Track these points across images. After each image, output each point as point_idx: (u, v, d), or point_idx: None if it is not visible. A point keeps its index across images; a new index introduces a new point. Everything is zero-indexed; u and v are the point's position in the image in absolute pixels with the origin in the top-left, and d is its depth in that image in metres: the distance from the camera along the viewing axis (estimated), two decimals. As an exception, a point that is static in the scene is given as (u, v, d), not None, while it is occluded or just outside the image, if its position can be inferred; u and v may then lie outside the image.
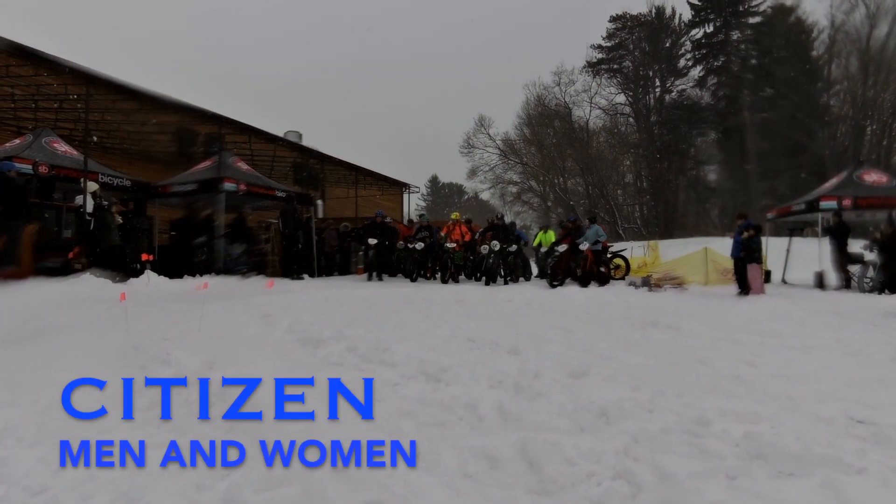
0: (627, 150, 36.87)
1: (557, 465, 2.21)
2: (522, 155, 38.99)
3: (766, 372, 3.83)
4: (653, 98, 37.62)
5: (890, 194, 11.92)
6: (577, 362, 3.59)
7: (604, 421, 2.65)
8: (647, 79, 37.62)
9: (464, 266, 11.82)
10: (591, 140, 37.28)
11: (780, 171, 30.37)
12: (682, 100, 36.41)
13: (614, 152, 36.78)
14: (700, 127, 35.73)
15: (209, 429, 2.57)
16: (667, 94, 37.08)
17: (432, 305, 6.09)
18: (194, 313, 4.73)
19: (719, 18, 35.19)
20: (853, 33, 29.70)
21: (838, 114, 30.96)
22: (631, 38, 37.69)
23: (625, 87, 37.97)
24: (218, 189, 10.64)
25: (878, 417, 2.63)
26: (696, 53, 36.42)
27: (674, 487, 2.04)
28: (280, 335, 4.27)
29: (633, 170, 37.37)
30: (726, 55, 34.92)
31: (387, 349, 3.70)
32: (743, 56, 34.18)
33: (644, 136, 36.53)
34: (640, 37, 37.32)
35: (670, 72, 36.97)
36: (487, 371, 3.32)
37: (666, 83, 37.21)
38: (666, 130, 35.91)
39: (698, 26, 36.10)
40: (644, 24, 37.17)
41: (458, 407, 2.80)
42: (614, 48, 38.09)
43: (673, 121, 35.65)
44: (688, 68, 36.88)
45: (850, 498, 1.90)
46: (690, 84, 36.59)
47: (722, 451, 2.30)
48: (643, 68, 37.44)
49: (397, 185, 22.13)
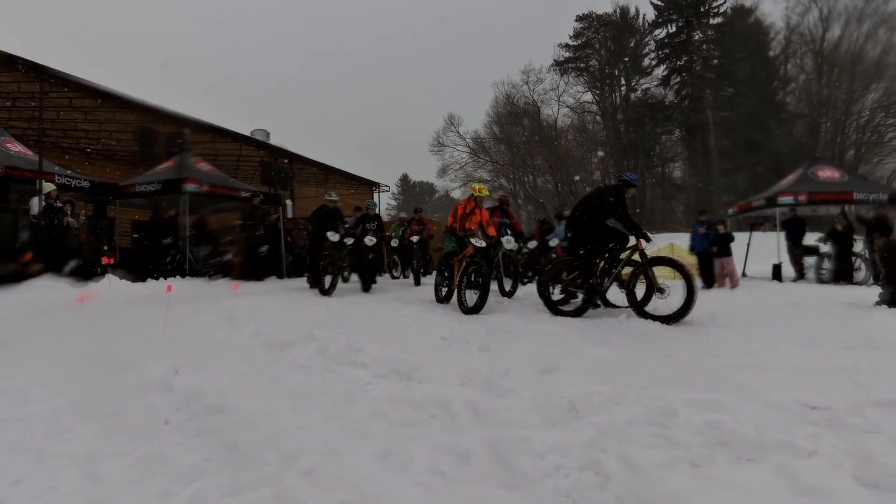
0: (595, 148, 37.50)
1: (527, 460, 2.24)
2: (492, 153, 39.28)
3: (728, 362, 3.95)
4: (619, 97, 38.39)
5: (842, 190, 12.46)
6: (547, 358, 3.64)
7: (572, 415, 2.70)
8: (613, 77, 38.34)
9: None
10: (559, 138, 37.79)
11: (741, 167, 31.38)
12: (647, 98, 37.23)
13: (582, 150, 37.38)
14: (665, 125, 36.60)
15: (175, 435, 2.51)
16: (632, 93, 37.89)
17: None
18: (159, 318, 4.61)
19: (681, 19, 36.08)
20: (807, 35, 30.94)
21: (794, 112, 32.15)
22: (597, 38, 38.34)
23: (591, 86, 38.65)
24: (180, 190, 10.38)
25: (830, 403, 2.74)
26: (659, 53, 37.27)
27: (640, 477, 2.09)
28: (246, 339, 4.20)
29: (601, 167, 38.03)
30: (689, 55, 35.84)
31: (358, 349, 3.69)
32: (705, 56, 35.15)
33: (611, 134, 37.24)
34: (606, 36, 38.01)
35: (635, 71, 37.76)
36: (458, 369, 3.34)
37: (631, 82, 38.02)
38: (632, 128, 36.66)
39: (661, 26, 36.97)
40: (609, 23, 37.86)
41: (431, 405, 2.81)
42: (581, 47, 38.70)
43: (638, 119, 36.41)
44: (652, 67, 37.76)
45: (802, 480, 1.97)
46: (655, 83, 37.49)
47: (686, 441, 2.37)
48: (609, 67, 38.14)
49: (368, 183, 22.00)
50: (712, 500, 1.94)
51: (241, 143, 14.64)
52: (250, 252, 10.67)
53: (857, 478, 1.99)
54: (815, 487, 1.94)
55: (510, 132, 38.46)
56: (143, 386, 3.13)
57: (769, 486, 2.00)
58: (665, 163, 37.74)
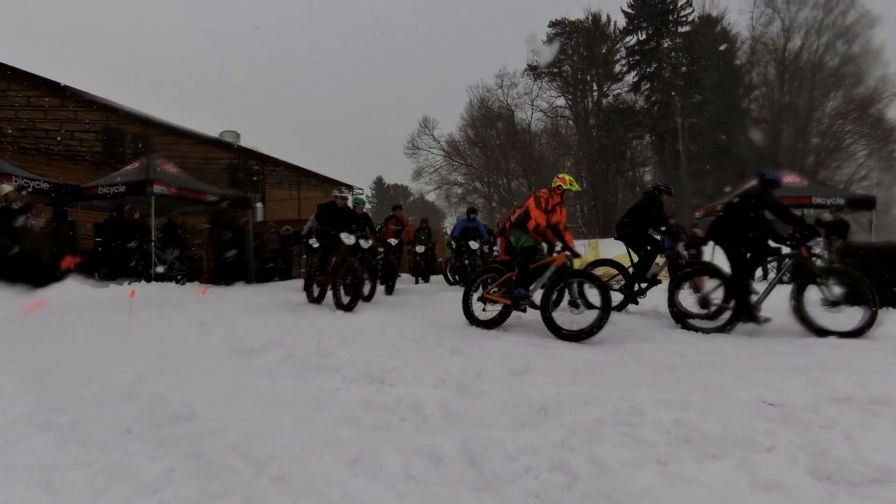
0: (568, 152, 38.02)
1: (499, 461, 2.25)
2: (467, 156, 39.43)
3: (696, 361, 4.05)
4: (591, 102, 38.97)
5: (802, 194, 12.95)
6: (518, 360, 3.67)
7: (543, 415, 2.72)
8: (585, 83, 38.92)
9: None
10: (533, 142, 38.18)
11: (708, 172, 32.25)
12: (618, 104, 37.90)
13: (555, 154, 37.84)
14: (635, 130, 37.32)
15: (138, 444, 2.44)
16: (604, 98, 38.52)
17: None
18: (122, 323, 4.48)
19: (651, 27, 36.86)
20: (771, 44, 32.00)
21: (758, 118, 33.22)
22: (570, 44, 38.86)
23: (564, 91, 39.14)
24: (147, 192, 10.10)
25: (786, 399, 2.84)
26: (630, 59, 38.01)
27: (608, 476, 2.13)
28: (215, 344, 4.11)
29: (573, 171, 38.55)
30: (658, 62, 36.62)
31: (328, 354, 3.65)
32: (674, 63, 35.97)
33: (583, 138, 37.80)
34: (578, 42, 38.56)
35: (607, 76, 38.41)
36: (432, 371, 3.34)
37: (603, 87, 38.64)
38: (604, 133, 37.27)
39: (632, 33, 37.70)
40: (581, 30, 38.44)
41: (403, 408, 2.81)
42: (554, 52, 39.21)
43: (610, 124, 37.04)
44: (623, 73, 38.43)
45: (761, 474, 2.04)
46: (625, 89, 38.18)
47: (653, 439, 2.41)
48: (581, 73, 38.71)
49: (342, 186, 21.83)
50: (678, 496, 1.99)
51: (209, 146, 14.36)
52: (219, 256, 10.44)
53: (811, 471, 2.06)
54: (772, 481, 2.01)
55: (485, 135, 38.69)
56: (105, 394, 3.03)
57: (731, 482, 2.06)
58: (636, 167, 38.48)
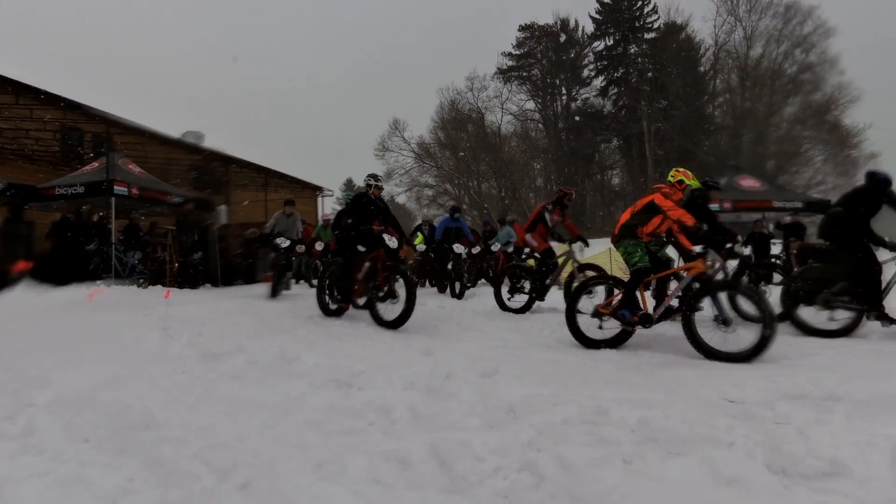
0: (538, 155, 38.46)
1: (467, 463, 2.25)
2: (437, 158, 39.44)
3: (660, 361, 4.14)
4: (560, 105, 39.52)
5: (763, 198, 13.49)
6: (487, 361, 3.68)
7: (511, 416, 2.74)
8: (555, 87, 39.45)
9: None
10: (503, 144, 38.49)
11: (674, 175, 33.09)
12: (587, 108, 38.55)
13: (525, 157, 38.23)
14: (603, 134, 38.02)
15: (95, 453, 2.36)
16: (572, 102, 39.12)
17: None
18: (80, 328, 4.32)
19: (618, 33, 37.64)
20: (733, 52, 33.10)
21: (721, 124, 34.30)
22: (539, 48, 39.35)
23: (534, 94, 39.59)
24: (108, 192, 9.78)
25: (746, 396, 2.93)
26: (598, 65, 38.74)
27: (574, 475, 2.15)
28: (179, 349, 4.01)
29: (543, 174, 39.05)
30: (625, 67, 37.42)
31: (294, 359, 3.60)
32: (640, 69, 36.81)
33: (553, 141, 38.30)
34: (547, 46, 39.08)
35: (575, 81, 39.03)
36: (402, 373, 3.33)
37: (571, 92, 39.24)
38: (573, 136, 37.84)
39: (599, 39, 38.44)
40: (550, 34, 38.97)
41: (370, 412, 2.79)
42: (523, 56, 39.60)
43: (579, 127, 37.64)
44: (591, 78, 39.13)
45: (722, 470, 2.09)
46: (594, 93, 38.87)
47: (618, 438, 2.44)
48: (550, 77, 39.22)
49: (310, 187, 21.57)
50: (642, 494, 2.02)
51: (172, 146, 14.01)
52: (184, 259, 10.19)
53: (767, 465, 2.12)
54: (732, 476, 2.06)
55: (455, 138, 38.81)
56: (60, 402, 2.92)
57: (694, 478, 2.10)
58: (604, 170, 39.19)
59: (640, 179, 34.29)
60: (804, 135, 31.91)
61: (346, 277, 5.73)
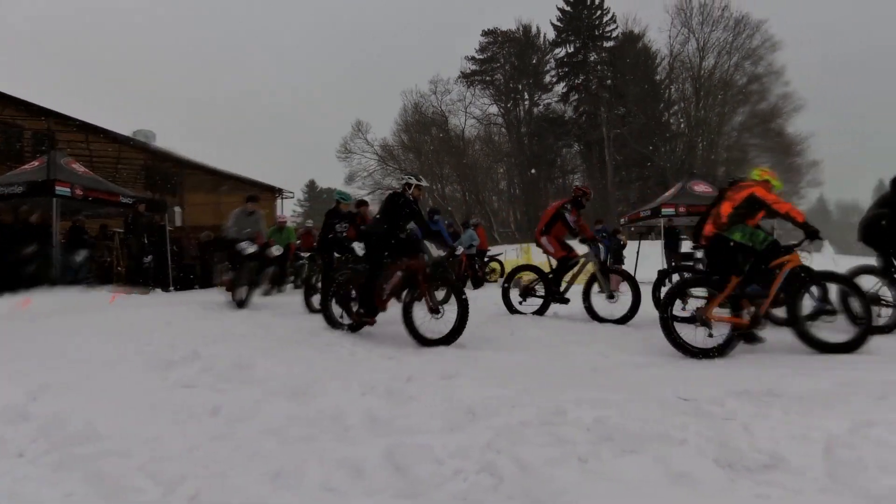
0: (501, 159, 38.89)
1: (426, 467, 2.24)
2: (401, 161, 39.35)
3: (618, 361, 4.22)
4: (522, 110, 40.11)
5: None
6: (449, 363, 3.68)
7: (471, 418, 2.73)
8: (517, 92, 40.03)
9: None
10: (466, 148, 38.74)
11: (632, 181, 34.06)
12: (549, 113, 39.27)
13: (489, 160, 38.60)
14: (565, 139, 38.79)
15: (30, 468, 2.23)
16: (535, 107, 39.80)
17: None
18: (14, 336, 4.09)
19: (578, 40, 38.50)
20: (687, 62, 34.35)
21: (676, 131, 35.53)
22: (502, 53, 39.84)
23: (497, 99, 40.06)
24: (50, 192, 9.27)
25: (698, 394, 3.01)
26: (559, 71, 39.53)
27: (531, 475, 2.16)
28: (126, 357, 3.83)
29: (506, 177, 39.49)
30: (586, 74, 38.31)
31: (249, 366, 3.51)
32: (600, 76, 37.75)
33: (515, 145, 38.83)
34: (510, 52, 39.61)
35: (537, 86, 39.71)
36: (360, 378, 3.28)
37: (534, 97, 39.89)
38: (535, 141, 38.45)
39: (561, 46, 39.24)
40: (513, 40, 39.54)
41: (326, 419, 2.73)
42: (486, 61, 40.04)
43: (541, 132, 38.27)
44: (552, 84, 39.94)
45: (673, 466, 2.14)
46: (555, 99, 39.67)
47: (575, 437, 2.47)
48: (513, 82, 39.77)
49: (270, 190, 21.09)
50: (597, 492, 2.05)
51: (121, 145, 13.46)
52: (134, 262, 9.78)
53: (716, 461, 2.19)
54: (683, 472, 2.11)
55: (419, 141, 38.83)
56: (-8, 415, 2.74)
57: (647, 475, 2.14)
58: (566, 174, 39.93)
59: (600, 184, 35.11)
60: (752, 142, 33.44)
61: (372, 289, 4.96)
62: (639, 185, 34.12)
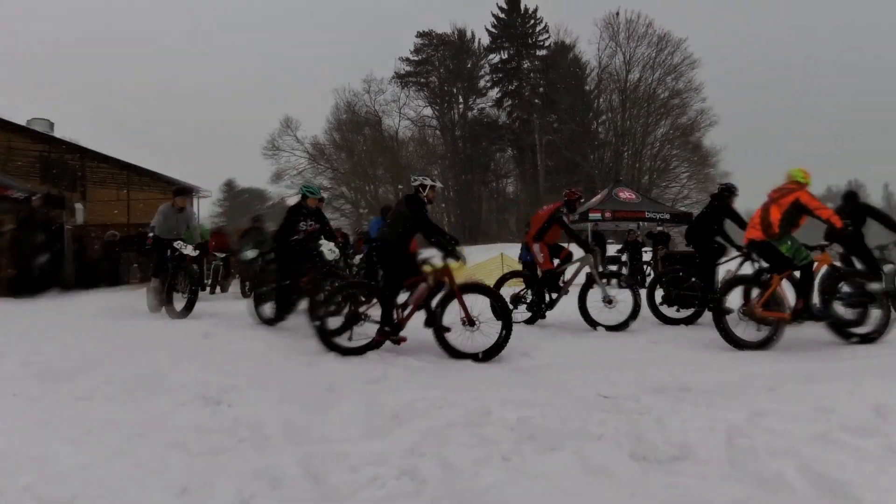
0: (435, 161, 39.02)
1: (342, 475, 2.17)
2: (333, 160, 38.48)
3: (542, 363, 4.31)
4: (457, 113, 40.44)
5: (637, 209, 15.00)
6: (374, 368, 3.61)
7: (395, 423, 2.69)
8: (452, 95, 40.31)
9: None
10: (401, 149, 38.55)
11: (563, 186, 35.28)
12: (483, 117, 39.87)
13: (423, 162, 38.59)
14: (498, 143, 39.54)
15: None
16: (469, 111, 40.24)
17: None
18: None
19: (512, 47, 39.41)
20: (615, 75, 36.05)
21: (604, 140, 37.19)
22: (436, 55, 39.97)
23: (431, 101, 40.11)
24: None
25: (617, 392, 3.13)
26: (493, 76, 40.25)
27: (456, 476, 2.15)
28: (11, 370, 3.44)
29: (441, 179, 39.57)
30: (519, 81, 39.26)
31: (157, 375, 3.27)
32: (532, 84, 38.83)
33: (450, 148, 39.10)
34: (445, 55, 39.82)
35: (472, 90, 40.20)
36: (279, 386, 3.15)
37: (468, 100, 40.34)
38: (469, 145, 38.92)
39: (495, 52, 39.98)
40: (448, 43, 39.77)
41: (241, 429, 2.60)
42: (421, 63, 40.01)
43: (475, 136, 38.81)
44: (487, 89, 40.54)
45: (591, 461, 2.21)
46: (489, 104, 40.28)
47: (499, 437, 2.50)
48: (448, 85, 40.01)
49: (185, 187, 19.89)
50: (520, 489, 2.07)
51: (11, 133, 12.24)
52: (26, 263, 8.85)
53: (631, 454, 2.28)
54: (601, 466, 2.18)
55: (351, 140, 38.14)
56: None
57: (566, 470, 2.20)
58: (499, 178, 40.71)
59: (533, 189, 36.11)
60: (672, 153, 35.58)
61: (391, 302, 4.51)
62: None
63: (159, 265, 6.71)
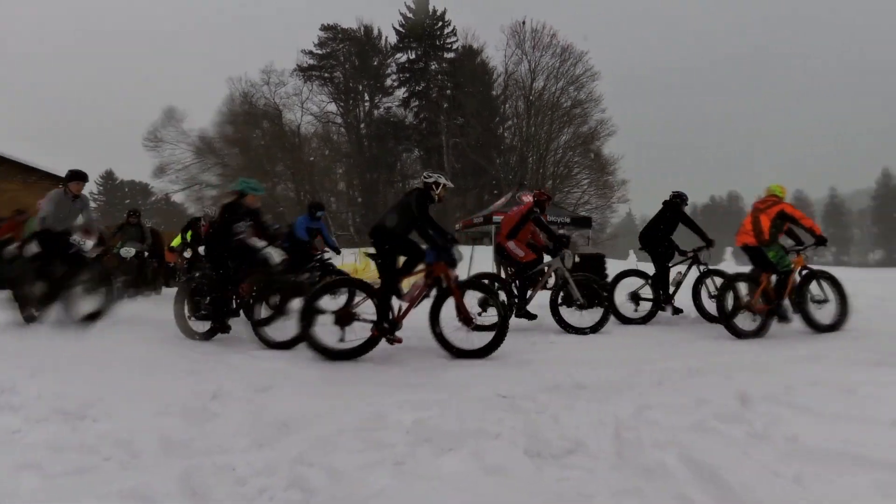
0: (340, 159, 38.02)
1: (226, 488, 2.03)
2: (223, 155, 35.88)
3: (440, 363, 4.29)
4: (363, 111, 39.67)
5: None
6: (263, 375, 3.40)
7: (284, 432, 2.56)
8: (357, 92, 39.46)
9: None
10: (303, 145, 36.98)
11: (469, 188, 36.02)
12: (389, 117, 39.52)
13: (327, 160, 37.40)
14: (405, 144, 39.45)
15: None
16: (375, 110, 39.66)
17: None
18: None
19: (420, 48, 39.50)
20: (520, 81, 37.37)
21: (510, 145, 38.47)
22: (341, 51, 38.91)
23: (336, 97, 38.89)
24: None
25: (515, 391, 3.20)
26: (400, 76, 40.01)
27: (343, 483, 2.08)
28: None
29: (345, 178, 38.75)
30: (426, 82, 39.42)
31: (6, 389, 2.86)
32: (440, 85, 39.17)
33: (355, 146, 38.31)
34: (350, 51, 38.90)
35: (378, 89, 39.68)
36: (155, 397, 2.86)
37: (374, 99, 39.76)
38: (375, 144, 38.42)
39: (402, 51, 39.81)
40: (353, 39, 38.88)
41: (108, 445, 2.32)
42: (325, 57, 38.71)
43: (381, 135, 38.39)
44: (393, 88, 40.14)
45: (488, 460, 2.23)
46: (396, 103, 39.92)
47: (394, 441, 2.45)
48: (353, 81, 39.12)
49: (52, 178, 17.55)
50: (412, 491, 2.04)
51: None
52: None
53: (526, 451, 2.34)
54: (496, 465, 2.21)
55: (247, 134, 35.75)
56: None
57: (462, 471, 2.20)
58: (405, 179, 40.57)
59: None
60: (574, 160, 37.60)
61: (387, 301, 4.47)
62: (475, 193, 36.08)
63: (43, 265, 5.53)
